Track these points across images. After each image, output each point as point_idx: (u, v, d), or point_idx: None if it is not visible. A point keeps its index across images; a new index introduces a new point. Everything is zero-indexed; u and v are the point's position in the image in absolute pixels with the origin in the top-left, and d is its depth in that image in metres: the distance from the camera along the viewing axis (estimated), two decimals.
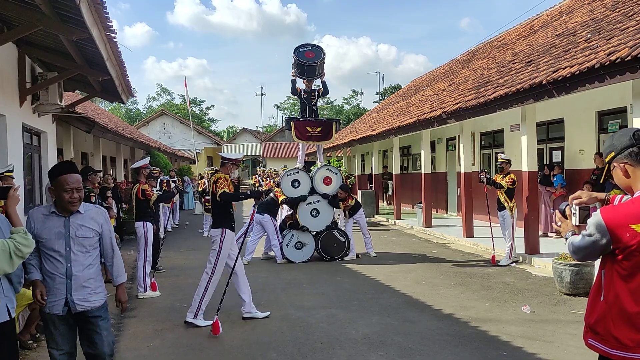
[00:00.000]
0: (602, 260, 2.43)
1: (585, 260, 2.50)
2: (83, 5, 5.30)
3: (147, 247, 7.93)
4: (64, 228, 3.51)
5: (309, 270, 9.50)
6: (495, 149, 15.12)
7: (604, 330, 2.35)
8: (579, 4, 14.29)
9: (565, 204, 2.66)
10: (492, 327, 5.84)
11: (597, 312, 2.40)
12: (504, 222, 9.57)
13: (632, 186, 2.44)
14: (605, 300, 2.36)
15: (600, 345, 2.38)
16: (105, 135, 14.38)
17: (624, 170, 2.44)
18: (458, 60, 23.14)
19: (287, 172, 10.78)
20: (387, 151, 23.45)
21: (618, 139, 2.47)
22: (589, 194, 2.66)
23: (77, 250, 3.53)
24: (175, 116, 42.30)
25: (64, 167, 3.57)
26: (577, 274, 7.06)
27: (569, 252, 2.48)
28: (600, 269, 2.43)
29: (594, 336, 2.41)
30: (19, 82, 8.40)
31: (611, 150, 2.49)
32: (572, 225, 2.58)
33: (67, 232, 3.51)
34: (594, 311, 2.42)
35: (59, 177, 3.46)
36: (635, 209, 2.29)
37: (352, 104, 62.46)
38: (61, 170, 3.51)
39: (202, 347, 5.47)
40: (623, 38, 7.44)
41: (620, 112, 10.12)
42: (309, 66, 10.93)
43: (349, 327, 6.02)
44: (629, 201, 2.40)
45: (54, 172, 3.51)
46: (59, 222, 3.51)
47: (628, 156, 2.41)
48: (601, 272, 2.41)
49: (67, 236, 3.51)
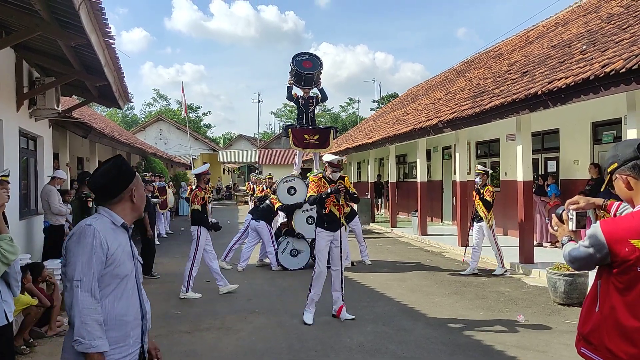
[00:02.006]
0: (598, 271, 2.40)
1: (582, 270, 2.49)
2: (82, 11, 5.33)
3: (198, 251, 8.07)
4: (129, 245, 2.55)
5: (304, 278, 9.47)
6: (490, 158, 15.19)
7: (598, 341, 2.33)
8: (574, 16, 14.41)
9: (562, 209, 2.64)
10: (486, 337, 5.85)
11: (591, 323, 2.38)
12: (479, 234, 9.50)
13: (634, 199, 2.40)
14: (601, 312, 2.34)
15: (592, 355, 2.37)
16: (101, 140, 14.36)
17: (626, 182, 2.40)
18: (454, 69, 23.26)
19: (284, 179, 10.80)
20: (383, 159, 23.50)
21: (622, 150, 2.43)
22: (586, 199, 2.63)
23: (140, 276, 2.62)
24: (171, 122, 42.27)
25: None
26: (571, 284, 7.08)
27: (564, 260, 2.47)
28: (596, 280, 2.41)
29: (587, 346, 2.40)
30: (17, 86, 8.42)
31: (614, 161, 2.45)
32: (568, 231, 2.56)
33: (132, 251, 2.56)
34: (588, 321, 2.40)
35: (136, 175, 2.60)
36: (635, 224, 2.26)
37: (348, 112, 62.62)
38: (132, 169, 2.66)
39: (196, 354, 5.46)
40: (617, 50, 7.52)
41: (614, 123, 10.20)
42: (306, 76, 10.98)
43: (343, 335, 6.01)
44: (629, 215, 2.37)
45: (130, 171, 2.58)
46: (125, 238, 2.52)
47: (631, 168, 2.37)
48: (597, 282, 2.39)
49: (134, 257, 2.55)
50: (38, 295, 5.83)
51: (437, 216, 18.50)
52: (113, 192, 2.50)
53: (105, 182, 2.49)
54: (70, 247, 2.35)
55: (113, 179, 2.50)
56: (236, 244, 10.89)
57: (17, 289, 3.27)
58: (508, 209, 13.50)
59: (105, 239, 2.37)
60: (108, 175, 2.50)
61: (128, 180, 2.54)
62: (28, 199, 9.67)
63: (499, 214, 14.25)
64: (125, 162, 2.58)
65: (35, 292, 5.84)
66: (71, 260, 2.33)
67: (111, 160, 2.56)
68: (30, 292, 5.71)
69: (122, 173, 2.53)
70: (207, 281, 9.23)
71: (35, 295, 5.77)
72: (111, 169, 2.51)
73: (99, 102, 11.91)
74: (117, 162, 2.54)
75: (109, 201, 2.51)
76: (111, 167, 2.51)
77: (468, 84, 15.34)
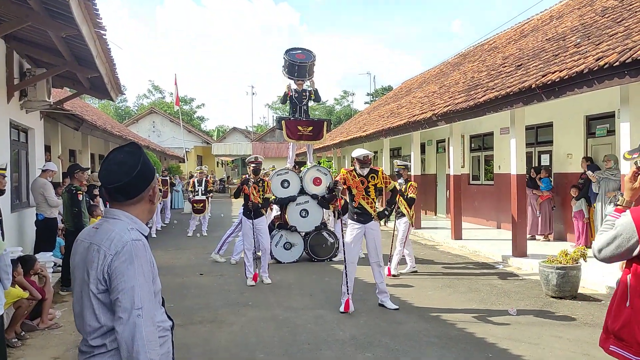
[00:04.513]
0: (627, 264, 2.35)
1: (611, 261, 2.37)
2: (72, 1, 5.26)
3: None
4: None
5: (297, 271, 9.49)
6: (484, 151, 15.21)
7: (630, 337, 2.26)
8: (569, 9, 14.40)
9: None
10: (478, 329, 5.87)
11: (622, 319, 2.31)
12: (400, 230, 9.02)
13: None
14: (632, 306, 2.28)
15: (623, 352, 2.30)
16: (93, 132, 14.28)
17: None
18: (449, 62, 23.23)
19: (277, 172, 10.76)
20: (377, 152, 23.50)
21: None
22: None
23: None
24: (164, 114, 42.04)
25: None
26: (563, 277, 7.11)
27: (594, 251, 2.37)
28: (625, 274, 2.35)
29: (618, 343, 2.33)
30: (7, 78, 8.32)
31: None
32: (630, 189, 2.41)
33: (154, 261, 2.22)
34: (619, 317, 2.32)
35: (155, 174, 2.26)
36: None
37: (343, 105, 62.48)
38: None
39: (189, 347, 5.45)
40: (612, 44, 7.52)
41: (608, 116, 10.22)
42: (299, 66, 10.94)
43: (336, 328, 6.02)
44: None
45: (152, 165, 2.20)
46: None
47: None
48: (626, 276, 2.33)
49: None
50: (29, 288, 5.80)
51: (431, 209, 18.54)
52: (135, 191, 2.09)
53: (130, 180, 2.05)
54: (121, 270, 1.94)
55: (138, 177, 2.07)
56: (230, 237, 10.86)
57: (7, 281, 3.25)
58: (501, 202, 13.54)
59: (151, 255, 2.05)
60: (132, 171, 2.06)
61: (151, 177, 2.14)
62: (19, 192, 9.60)
63: (492, 208, 14.34)
64: (145, 154, 2.17)
65: (27, 285, 5.80)
66: (124, 285, 1.93)
67: (131, 152, 2.12)
68: (21, 285, 5.68)
69: (147, 169, 2.11)
70: (200, 274, 9.22)
71: (26, 289, 5.73)
72: (135, 164, 2.07)
73: (91, 94, 11.82)
74: (140, 156, 2.11)
75: (126, 202, 2.09)
76: (135, 162, 2.08)
77: (462, 77, 15.33)
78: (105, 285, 1.97)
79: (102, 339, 2.00)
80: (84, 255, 2.04)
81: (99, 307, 1.99)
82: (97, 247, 1.99)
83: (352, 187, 6.88)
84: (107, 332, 2.00)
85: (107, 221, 2.08)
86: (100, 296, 1.98)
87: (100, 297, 1.98)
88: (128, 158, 2.08)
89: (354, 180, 6.89)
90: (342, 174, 7.03)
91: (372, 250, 6.88)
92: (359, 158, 6.95)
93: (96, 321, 1.99)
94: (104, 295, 1.98)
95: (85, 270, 2.01)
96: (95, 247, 2.00)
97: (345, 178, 6.92)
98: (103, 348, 2.00)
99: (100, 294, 1.98)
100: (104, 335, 2.00)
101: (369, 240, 6.88)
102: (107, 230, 2.03)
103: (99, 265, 1.97)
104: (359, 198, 6.82)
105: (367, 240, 6.88)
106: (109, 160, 2.10)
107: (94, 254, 1.99)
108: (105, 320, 1.99)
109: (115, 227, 2.03)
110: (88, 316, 2.00)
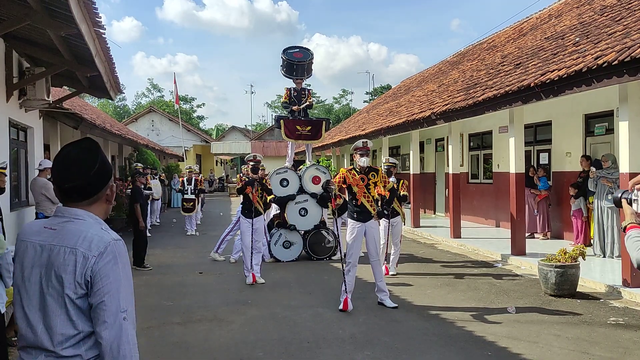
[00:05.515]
0: None
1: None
2: (72, 1, 5.26)
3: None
4: None
5: (296, 270, 9.50)
6: (483, 150, 15.23)
7: None
8: (568, 8, 14.42)
9: (620, 192, 2.43)
10: (477, 328, 5.88)
11: None
12: (394, 230, 8.87)
13: None
14: None
15: None
16: (92, 131, 14.24)
17: None
18: (448, 61, 23.24)
19: (276, 171, 10.77)
20: (376, 151, 23.50)
21: None
22: None
23: None
24: (164, 113, 41.98)
25: None
26: (562, 275, 7.12)
27: (628, 251, 2.27)
28: None
29: None
30: (6, 76, 8.32)
31: None
32: (633, 214, 2.32)
33: None
34: None
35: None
36: None
37: (342, 104, 62.52)
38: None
39: (188, 345, 5.45)
40: (610, 42, 7.53)
41: (606, 115, 10.23)
42: (298, 65, 10.95)
43: (335, 326, 6.03)
44: None
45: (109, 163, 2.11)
46: None
47: None
48: None
49: None
50: None
51: (430, 208, 18.56)
52: (93, 191, 1.94)
53: (89, 179, 1.91)
54: (106, 271, 1.82)
55: (96, 176, 1.93)
56: (228, 236, 10.87)
57: (9, 280, 3.24)
58: (500, 201, 13.56)
59: None
60: (90, 170, 1.91)
61: (109, 176, 1.99)
62: (19, 190, 9.60)
63: (491, 206, 14.36)
64: (103, 151, 2.00)
65: None
66: (109, 287, 1.82)
67: (87, 149, 1.96)
68: None
69: (105, 168, 1.97)
70: (199, 273, 9.23)
71: None
72: (93, 163, 1.92)
73: (90, 93, 11.80)
74: (98, 153, 1.95)
75: (82, 201, 1.93)
76: (92, 160, 1.93)
77: (461, 76, 15.34)
78: (85, 289, 1.82)
79: (76, 349, 1.83)
80: (45, 258, 1.86)
81: (76, 313, 1.83)
82: (70, 250, 1.83)
83: (352, 186, 6.87)
84: (83, 338, 1.84)
85: (71, 221, 1.90)
86: (78, 301, 1.82)
87: (77, 302, 1.82)
88: (85, 155, 1.93)
89: (354, 179, 6.89)
90: (342, 173, 7.03)
91: (372, 249, 6.89)
92: (358, 145, 6.95)
93: (72, 328, 1.82)
94: (82, 300, 1.83)
95: (51, 275, 1.84)
96: (67, 249, 1.83)
97: (345, 177, 6.93)
98: (78, 358, 1.83)
99: (78, 298, 1.82)
100: (78, 344, 1.83)
101: (368, 239, 6.88)
102: (77, 231, 1.86)
103: (78, 269, 1.81)
104: (360, 196, 6.82)
105: (367, 238, 6.88)
106: (64, 156, 1.94)
107: (68, 257, 1.82)
108: (83, 327, 1.83)
109: (86, 227, 1.88)
110: (59, 324, 1.82)
